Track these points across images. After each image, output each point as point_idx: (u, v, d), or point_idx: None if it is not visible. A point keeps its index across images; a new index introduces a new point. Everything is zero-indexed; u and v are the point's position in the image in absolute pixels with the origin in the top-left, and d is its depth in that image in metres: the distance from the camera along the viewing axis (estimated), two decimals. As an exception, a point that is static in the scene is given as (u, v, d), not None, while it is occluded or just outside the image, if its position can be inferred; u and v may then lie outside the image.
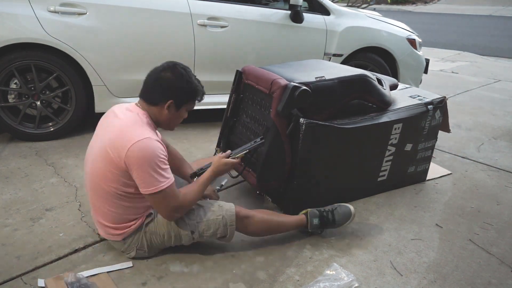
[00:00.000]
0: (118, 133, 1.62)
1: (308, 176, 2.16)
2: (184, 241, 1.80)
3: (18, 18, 2.78)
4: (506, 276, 1.84)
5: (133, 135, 1.58)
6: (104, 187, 1.67)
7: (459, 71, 6.38)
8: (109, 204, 1.70)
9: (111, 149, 1.61)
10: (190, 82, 1.73)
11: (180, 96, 1.72)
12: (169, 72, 1.71)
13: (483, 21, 13.86)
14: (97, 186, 1.70)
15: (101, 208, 1.74)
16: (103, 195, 1.69)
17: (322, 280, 1.73)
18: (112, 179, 1.64)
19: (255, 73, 2.27)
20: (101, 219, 1.77)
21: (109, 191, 1.67)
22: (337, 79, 2.17)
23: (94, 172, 1.69)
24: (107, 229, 1.78)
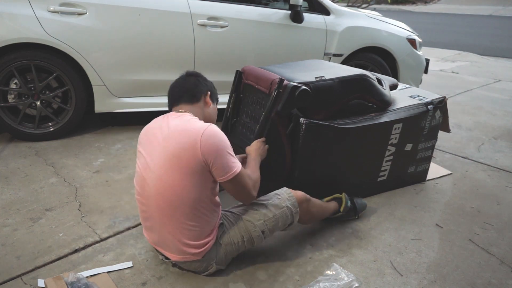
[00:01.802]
0: (180, 135, 1.57)
1: (308, 176, 2.16)
2: (256, 243, 1.77)
3: (18, 18, 2.78)
4: (506, 276, 1.84)
5: (196, 128, 1.58)
6: (184, 198, 1.58)
7: (459, 71, 6.38)
8: (190, 217, 1.60)
9: (181, 152, 1.54)
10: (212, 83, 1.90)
11: (213, 91, 1.86)
12: (192, 76, 1.82)
13: (483, 21, 13.86)
14: (173, 203, 1.58)
15: (181, 226, 1.61)
16: (183, 209, 1.59)
17: (322, 280, 1.73)
18: (190, 187, 1.57)
19: (255, 73, 2.27)
20: (183, 237, 1.63)
21: (188, 202, 1.58)
22: (337, 79, 2.17)
23: (166, 188, 1.58)
24: (187, 249, 1.65)
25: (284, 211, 1.78)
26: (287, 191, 1.84)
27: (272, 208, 1.77)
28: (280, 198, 1.80)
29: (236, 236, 1.74)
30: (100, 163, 2.79)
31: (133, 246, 1.94)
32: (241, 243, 1.75)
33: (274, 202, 1.79)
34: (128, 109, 3.23)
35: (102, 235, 2.02)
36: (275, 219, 1.76)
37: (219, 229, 1.73)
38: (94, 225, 2.09)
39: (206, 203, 1.63)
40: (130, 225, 2.11)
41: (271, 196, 1.82)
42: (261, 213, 1.75)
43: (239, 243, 1.75)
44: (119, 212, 2.21)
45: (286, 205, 1.79)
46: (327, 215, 2.07)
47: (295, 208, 1.81)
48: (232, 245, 1.74)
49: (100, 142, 3.13)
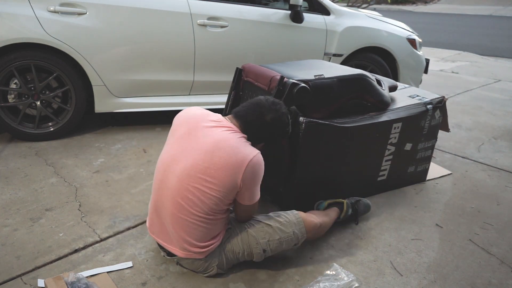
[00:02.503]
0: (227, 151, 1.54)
1: (308, 175, 2.16)
2: (256, 259, 1.76)
3: (18, 18, 2.78)
4: (506, 276, 1.84)
5: (247, 153, 1.57)
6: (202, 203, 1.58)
7: (459, 71, 6.38)
8: (201, 220, 1.60)
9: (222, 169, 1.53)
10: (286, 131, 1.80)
11: (269, 140, 1.78)
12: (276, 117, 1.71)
13: (483, 21, 13.86)
14: (190, 204, 1.58)
15: (190, 225, 1.61)
16: (198, 212, 1.59)
17: (322, 280, 1.73)
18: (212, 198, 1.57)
19: (254, 71, 2.27)
20: (188, 236, 1.63)
21: (204, 208, 1.58)
22: (336, 78, 2.17)
23: (187, 189, 1.57)
24: (191, 247, 1.65)
25: (290, 235, 1.76)
26: (296, 216, 1.80)
27: (278, 231, 1.75)
28: (288, 222, 1.77)
29: (237, 247, 1.74)
30: (100, 163, 2.79)
31: (133, 246, 1.94)
32: (241, 254, 1.76)
33: (280, 225, 1.76)
34: (128, 109, 3.23)
35: (102, 235, 2.02)
36: (279, 242, 1.75)
37: (226, 234, 1.74)
38: (94, 225, 2.09)
39: (220, 212, 1.65)
40: (130, 225, 2.11)
41: (280, 219, 1.78)
42: (267, 233, 1.74)
43: (239, 254, 1.75)
44: (119, 212, 2.21)
45: (293, 230, 1.76)
46: None
47: (302, 234, 1.79)
48: (233, 253, 1.75)
49: (100, 142, 3.13)
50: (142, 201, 2.32)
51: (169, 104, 3.29)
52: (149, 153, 2.94)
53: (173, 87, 3.29)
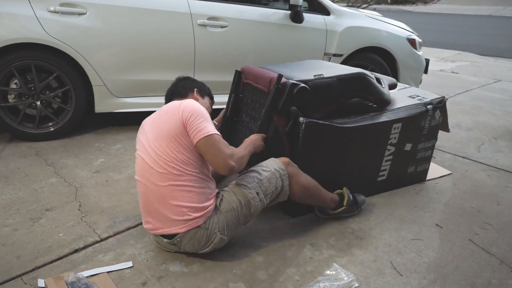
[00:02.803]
0: (166, 110, 1.80)
1: (308, 175, 2.15)
2: (254, 208, 1.83)
3: (18, 18, 2.78)
4: (506, 276, 1.84)
5: (177, 102, 1.80)
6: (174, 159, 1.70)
7: (459, 71, 6.38)
8: (184, 179, 1.71)
9: (166, 121, 1.74)
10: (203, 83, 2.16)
11: (200, 87, 2.10)
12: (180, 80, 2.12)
13: (483, 21, 13.87)
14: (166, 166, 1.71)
15: (177, 189, 1.71)
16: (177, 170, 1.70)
17: (322, 280, 1.73)
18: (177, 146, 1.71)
19: (254, 72, 2.27)
20: (180, 202, 1.71)
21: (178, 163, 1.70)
22: (335, 77, 2.17)
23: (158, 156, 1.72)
24: (189, 213, 1.71)
25: (273, 172, 1.89)
26: (272, 158, 1.97)
27: (261, 171, 1.89)
28: (267, 163, 1.94)
29: (234, 201, 1.81)
30: (100, 163, 2.79)
31: (133, 246, 1.94)
32: (240, 208, 1.81)
33: (262, 167, 1.92)
34: (128, 109, 3.23)
35: (102, 235, 2.02)
36: (267, 180, 1.86)
37: (217, 198, 1.82)
38: (94, 225, 2.09)
39: (197, 168, 1.74)
40: (130, 225, 2.11)
41: (260, 164, 1.95)
42: (252, 177, 1.87)
43: (238, 208, 1.80)
44: (119, 212, 2.21)
45: (273, 167, 1.90)
46: (326, 198, 2.10)
47: (283, 171, 1.91)
48: (232, 211, 1.80)
49: (100, 142, 3.13)
50: (142, 201, 2.32)
51: (169, 104, 3.29)
52: (149, 153, 2.94)
53: (173, 87, 3.29)
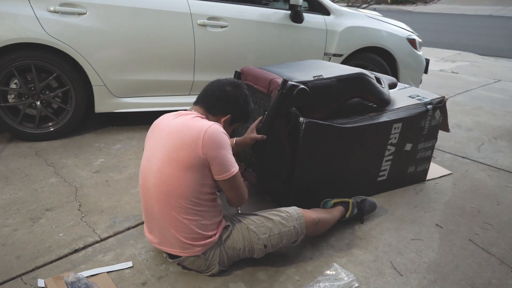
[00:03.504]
0: (183, 130, 1.59)
1: (308, 175, 2.16)
2: (257, 255, 1.77)
3: (18, 18, 2.78)
4: (506, 276, 1.84)
5: (200, 125, 1.59)
6: (181, 191, 1.59)
7: (459, 71, 6.38)
8: (187, 212, 1.61)
9: (182, 146, 1.56)
10: (250, 104, 1.83)
11: (238, 114, 1.78)
12: (235, 88, 1.76)
13: (483, 21, 13.87)
14: (171, 195, 1.60)
15: (178, 221, 1.63)
16: (181, 203, 1.60)
17: (322, 280, 1.73)
18: (188, 182, 1.58)
19: (253, 73, 2.27)
20: (179, 234, 1.64)
21: (185, 196, 1.59)
22: (335, 78, 2.17)
23: (164, 180, 1.60)
24: (186, 245, 1.66)
25: (291, 230, 1.78)
26: (297, 211, 1.83)
27: (279, 225, 1.77)
28: (289, 217, 1.80)
29: (238, 243, 1.75)
30: (100, 163, 2.79)
31: (133, 246, 1.94)
32: (242, 251, 1.76)
33: (282, 219, 1.78)
34: (128, 109, 3.23)
35: (102, 235, 2.02)
36: (280, 236, 1.76)
37: (224, 231, 1.74)
38: (94, 225, 2.09)
39: (204, 200, 1.64)
40: (130, 225, 2.11)
41: (280, 212, 1.81)
42: (267, 228, 1.76)
43: (240, 250, 1.76)
44: (119, 212, 2.21)
45: (293, 224, 1.78)
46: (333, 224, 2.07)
47: (302, 229, 1.81)
48: (234, 250, 1.75)
49: (100, 142, 3.13)
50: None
51: (169, 104, 3.29)
52: (149, 153, 2.94)
53: (173, 87, 3.29)
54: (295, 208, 1.86)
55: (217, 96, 1.73)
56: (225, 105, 1.73)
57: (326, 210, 2.08)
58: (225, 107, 1.74)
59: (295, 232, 1.79)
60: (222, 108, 1.73)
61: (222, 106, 1.73)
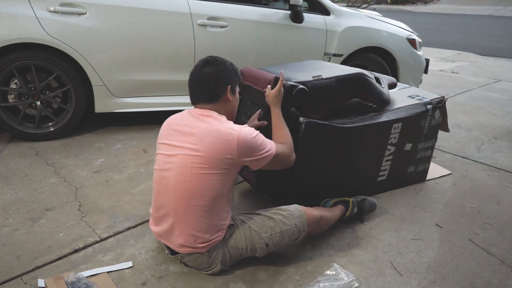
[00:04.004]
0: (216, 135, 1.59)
1: (308, 175, 2.16)
2: (259, 254, 1.78)
3: (18, 18, 2.78)
4: (506, 276, 1.84)
5: (234, 129, 1.61)
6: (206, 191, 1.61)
7: (459, 71, 6.38)
8: (206, 210, 1.64)
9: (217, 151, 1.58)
10: (231, 64, 1.80)
11: (232, 79, 1.76)
12: (211, 65, 1.73)
13: (483, 21, 13.87)
14: (194, 194, 1.62)
15: (195, 218, 1.64)
16: (202, 202, 1.62)
17: (322, 280, 1.73)
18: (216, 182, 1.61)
19: (253, 74, 2.28)
20: (192, 229, 1.65)
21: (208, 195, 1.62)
22: (334, 78, 2.17)
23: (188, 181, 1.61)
24: (195, 240, 1.67)
25: (292, 228, 1.79)
26: (298, 209, 1.84)
27: (280, 223, 1.78)
28: (291, 215, 1.81)
29: (241, 243, 1.75)
30: (100, 163, 2.79)
31: (133, 246, 1.94)
32: (244, 250, 1.77)
33: (283, 218, 1.79)
34: (128, 109, 3.23)
35: (102, 235, 2.02)
36: (281, 235, 1.78)
37: (228, 230, 1.75)
38: (94, 225, 2.09)
39: (223, 200, 1.68)
40: (130, 225, 2.11)
41: (281, 211, 1.82)
42: (269, 227, 1.77)
43: (243, 250, 1.76)
44: (119, 212, 2.21)
45: (294, 223, 1.79)
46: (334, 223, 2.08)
47: (304, 227, 1.82)
48: (236, 249, 1.76)
49: (100, 142, 3.13)
50: (142, 201, 2.32)
51: (169, 104, 3.29)
52: (149, 153, 2.94)
53: (173, 87, 3.29)
54: (297, 206, 1.86)
55: (206, 85, 1.70)
56: (219, 83, 1.71)
57: (327, 208, 2.09)
58: (220, 84, 1.71)
59: (296, 230, 1.80)
60: (219, 89, 1.71)
61: (218, 86, 1.71)
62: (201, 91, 1.71)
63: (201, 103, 1.72)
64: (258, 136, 1.66)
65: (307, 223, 1.82)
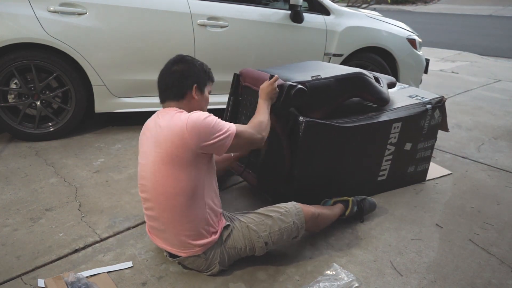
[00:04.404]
0: (168, 129, 1.59)
1: (308, 175, 2.16)
2: (258, 253, 1.78)
3: (18, 18, 2.78)
4: (506, 276, 1.84)
5: (182, 118, 1.59)
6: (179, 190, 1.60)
7: (459, 71, 6.38)
8: (187, 210, 1.63)
9: (172, 148, 1.57)
10: (201, 64, 1.80)
11: (200, 78, 1.75)
12: (180, 63, 1.74)
13: (483, 21, 13.87)
14: (170, 197, 1.62)
15: (178, 220, 1.65)
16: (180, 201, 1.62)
17: (322, 280, 1.73)
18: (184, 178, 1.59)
19: (252, 75, 2.28)
20: (180, 233, 1.66)
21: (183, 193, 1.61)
22: (333, 78, 2.17)
23: (161, 183, 1.62)
24: (187, 245, 1.67)
25: (290, 225, 1.79)
26: (296, 206, 1.84)
27: (279, 221, 1.78)
28: (288, 212, 1.81)
29: (239, 242, 1.75)
30: (100, 163, 2.79)
31: (133, 246, 1.94)
32: (243, 249, 1.77)
33: (281, 215, 1.79)
34: (128, 109, 3.23)
35: (102, 235, 2.02)
36: (280, 233, 1.78)
37: (225, 231, 1.75)
38: (94, 225, 2.09)
39: (200, 198, 1.65)
40: (130, 225, 2.11)
41: (279, 209, 1.83)
42: (267, 225, 1.77)
43: (241, 249, 1.76)
44: (119, 212, 2.21)
45: (292, 220, 1.80)
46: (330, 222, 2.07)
47: (302, 224, 1.82)
48: (235, 250, 1.76)
49: (100, 142, 3.13)
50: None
51: (169, 104, 3.29)
52: (149, 153, 2.94)
53: (173, 87, 3.29)
54: (294, 203, 1.86)
55: (173, 82, 1.70)
56: (186, 81, 1.70)
57: (326, 206, 2.10)
58: (186, 82, 1.70)
59: (295, 227, 1.80)
60: (185, 86, 1.70)
61: (184, 85, 1.70)
62: (168, 89, 1.71)
63: (168, 101, 1.72)
64: (210, 117, 1.61)
65: (305, 219, 1.82)
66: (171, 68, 1.73)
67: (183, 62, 1.74)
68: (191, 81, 1.72)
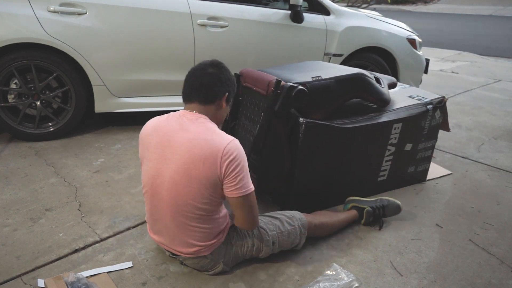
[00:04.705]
0: (202, 144, 1.52)
1: (308, 175, 2.16)
2: (264, 253, 1.80)
3: (18, 18, 2.78)
4: (506, 276, 1.84)
5: (220, 140, 1.53)
6: (195, 204, 1.57)
7: (459, 71, 6.38)
8: (200, 221, 1.62)
9: (200, 162, 1.51)
10: (233, 75, 1.73)
11: (232, 88, 1.69)
12: (217, 67, 1.65)
13: (483, 21, 13.87)
14: (184, 207, 1.58)
15: (189, 227, 1.63)
16: (195, 214, 1.59)
17: (322, 280, 1.73)
18: (203, 193, 1.55)
19: (252, 76, 2.28)
20: (190, 238, 1.64)
21: (199, 207, 1.58)
22: (334, 78, 2.17)
23: (178, 193, 1.57)
24: (195, 247, 1.66)
25: (295, 229, 1.85)
26: (300, 214, 1.91)
27: (286, 223, 1.84)
28: (293, 216, 1.88)
29: (247, 240, 1.77)
30: (100, 163, 2.79)
31: (133, 246, 1.94)
32: (250, 249, 1.77)
33: (287, 218, 1.86)
34: (128, 109, 3.23)
35: (102, 235, 2.02)
36: (287, 234, 1.83)
37: (232, 230, 1.76)
38: (94, 225, 2.09)
39: (215, 208, 1.63)
40: (130, 225, 2.11)
41: (285, 214, 1.89)
42: (275, 225, 1.82)
43: (248, 248, 1.77)
44: (119, 212, 2.21)
45: (297, 224, 1.86)
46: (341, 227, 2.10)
47: (304, 230, 1.88)
48: (241, 249, 1.76)
49: (100, 142, 3.13)
50: (142, 201, 2.32)
51: (169, 104, 3.29)
52: (149, 153, 2.94)
53: (173, 87, 3.29)
54: (297, 212, 1.93)
55: (209, 83, 1.61)
56: (221, 87, 1.63)
57: (329, 213, 2.13)
58: (221, 88, 1.63)
59: (298, 231, 1.85)
60: (218, 91, 1.63)
61: (218, 89, 1.63)
62: (202, 89, 1.61)
63: (194, 102, 1.62)
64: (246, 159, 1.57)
65: (307, 226, 1.88)
66: (208, 69, 1.63)
67: (220, 68, 1.66)
68: (225, 88, 1.65)
